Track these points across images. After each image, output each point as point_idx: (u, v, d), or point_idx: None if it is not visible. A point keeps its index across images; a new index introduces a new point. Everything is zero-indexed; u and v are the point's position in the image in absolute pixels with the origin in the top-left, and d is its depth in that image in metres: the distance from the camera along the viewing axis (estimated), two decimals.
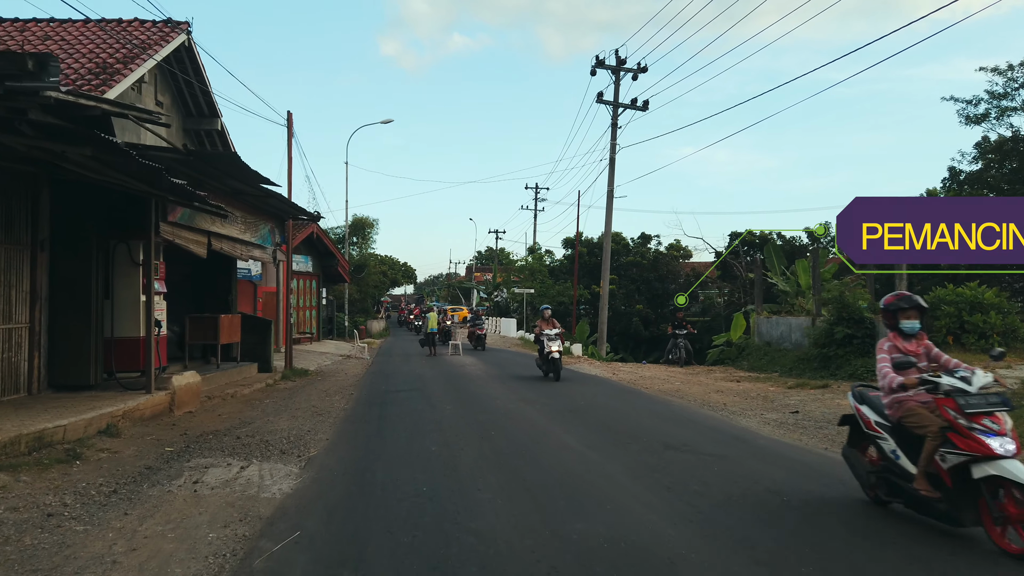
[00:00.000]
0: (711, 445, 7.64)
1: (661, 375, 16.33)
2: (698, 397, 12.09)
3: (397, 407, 11.04)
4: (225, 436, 8.59)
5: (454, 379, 15.65)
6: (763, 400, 11.46)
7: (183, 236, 10.87)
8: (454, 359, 21.90)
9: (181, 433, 8.72)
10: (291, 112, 17.18)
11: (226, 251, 12.65)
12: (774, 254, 23.64)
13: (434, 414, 10.17)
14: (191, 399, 10.71)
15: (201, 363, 14.73)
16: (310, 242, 27.20)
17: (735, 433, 8.44)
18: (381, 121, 34.22)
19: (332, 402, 11.88)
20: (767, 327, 19.72)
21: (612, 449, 7.41)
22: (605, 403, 11.19)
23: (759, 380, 14.97)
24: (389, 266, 61.06)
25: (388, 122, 34.07)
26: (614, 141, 28.25)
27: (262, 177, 10.78)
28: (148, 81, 12.81)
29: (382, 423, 9.47)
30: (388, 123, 34.26)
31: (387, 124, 35.11)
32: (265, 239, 14.70)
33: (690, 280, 49.41)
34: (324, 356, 22.21)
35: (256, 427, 9.27)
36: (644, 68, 28.08)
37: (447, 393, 12.79)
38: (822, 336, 15.56)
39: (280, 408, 11.12)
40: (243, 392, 12.88)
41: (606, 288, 28.62)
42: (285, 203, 13.69)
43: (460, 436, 8.30)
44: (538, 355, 15.22)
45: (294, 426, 9.34)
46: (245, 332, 15.64)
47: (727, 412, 10.23)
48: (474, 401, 11.68)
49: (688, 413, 10.21)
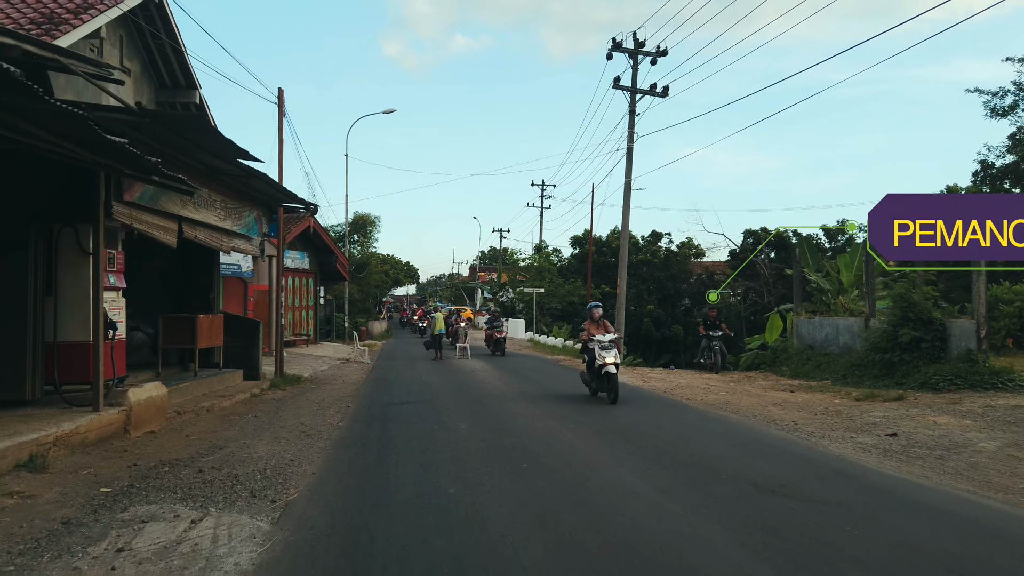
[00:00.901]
0: (816, 485, 5.80)
1: (698, 383, 14.49)
2: (756, 412, 10.25)
3: (401, 425, 9.22)
4: (185, 467, 6.78)
5: (466, 388, 13.81)
6: (837, 417, 9.61)
7: (145, 220, 9.05)
8: (463, 364, 20.06)
9: (130, 464, 6.90)
10: (282, 89, 15.41)
11: (202, 241, 10.83)
12: (807, 250, 21.79)
13: (447, 435, 8.34)
14: (153, 416, 8.89)
15: (178, 370, 12.93)
16: (306, 237, 25.37)
17: (835, 465, 6.60)
18: (383, 111, 32.48)
19: (325, 417, 10.05)
20: (808, 329, 17.86)
21: (690, 493, 5.57)
22: (652, 421, 9.35)
23: (814, 390, 13.12)
24: (391, 265, 59.18)
25: (390, 112, 32.33)
26: (632, 129, 26.41)
27: (240, 150, 8.96)
28: (112, 43, 11.00)
29: (383, 449, 7.64)
30: (390, 113, 32.54)
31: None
32: (251, 228, 12.87)
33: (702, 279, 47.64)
34: (320, 360, 20.39)
35: (228, 453, 7.45)
36: (664, 51, 26.25)
37: (460, 406, 10.96)
38: (882, 339, 13.71)
39: (262, 426, 9.30)
40: (222, 405, 11.07)
41: (623, 287, 26.76)
42: (273, 186, 11.87)
43: (483, 470, 6.47)
44: (585, 368, 11.81)
45: (275, 452, 7.51)
46: (229, 335, 13.83)
47: (804, 433, 8.39)
48: (493, 417, 9.84)
49: (757, 435, 8.36)
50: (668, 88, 26.29)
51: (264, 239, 13.72)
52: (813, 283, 20.25)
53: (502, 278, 58.27)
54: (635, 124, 26.44)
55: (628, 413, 10.07)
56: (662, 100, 26.67)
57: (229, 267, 19.42)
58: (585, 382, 11.87)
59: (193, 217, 10.35)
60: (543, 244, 52.72)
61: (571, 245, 49.65)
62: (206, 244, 11.02)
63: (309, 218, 23.67)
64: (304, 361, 19.61)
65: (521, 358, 22.65)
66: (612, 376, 10.74)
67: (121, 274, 9.23)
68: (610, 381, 10.76)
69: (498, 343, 23.30)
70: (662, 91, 26.33)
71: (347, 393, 13.18)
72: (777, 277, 33.01)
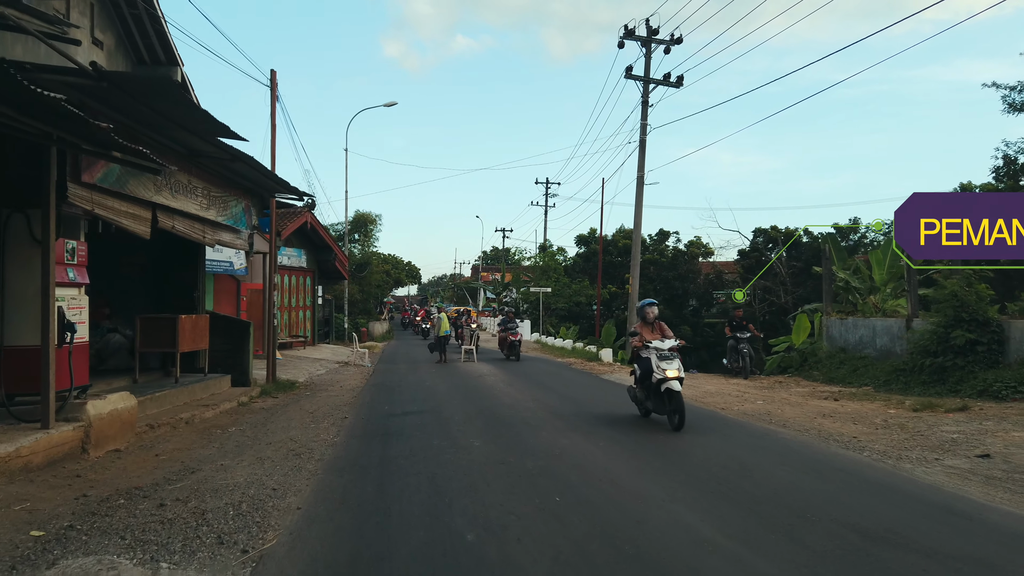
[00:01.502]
0: (930, 529, 4.60)
1: (728, 389, 13.28)
2: (806, 425, 9.05)
3: (405, 442, 8.01)
4: (145, 499, 5.59)
5: (475, 396, 12.61)
6: (903, 431, 8.40)
7: (109, 206, 7.85)
8: (468, 368, 18.85)
9: (79, 495, 5.71)
10: (275, 71, 14.23)
11: (181, 232, 9.63)
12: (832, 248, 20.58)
13: (458, 456, 7.14)
14: (119, 432, 7.69)
15: (159, 376, 11.76)
16: (304, 233, 24.15)
17: (936, 499, 5.40)
18: (384, 104, 31.24)
19: (318, 431, 8.85)
20: (841, 330, 16.64)
21: (778, 543, 4.36)
22: (694, 438, 8.12)
23: (858, 397, 11.91)
24: (393, 265, 58.00)
25: (392, 104, 31.11)
26: (644, 120, 25.21)
27: (219, 124, 7.77)
28: (81, 11, 9.81)
29: (384, 474, 6.43)
30: (391, 106, 31.23)
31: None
32: (238, 219, 11.68)
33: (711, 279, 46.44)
34: (318, 363, 19.18)
35: (199, 479, 6.25)
36: (679, 39, 25.03)
37: (470, 419, 9.76)
38: (931, 342, 12.51)
39: (245, 442, 8.10)
40: (204, 416, 9.87)
41: (636, 286, 25.55)
42: (262, 172, 10.68)
43: (507, 504, 5.27)
44: (634, 382, 9.61)
45: (256, 477, 6.32)
46: (216, 337, 12.65)
47: (875, 453, 7.18)
48: (509, 432, 8.64)
49: (821, 456, 7.15)
50: (683, 78, 25.10)
51: (254, 232, 12.53)
52: (840, 281, 19.06)
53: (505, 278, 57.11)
54: (648, 115, 25.27)
55: (662, 426, 8.86)
56: (676, 90, 25.52)
57: (220, 264, 18.23)
58: (636, 399, 9.59)
59: (169, 205, 9.15)
60: (547, 243, 51.48)
61: (576, 244, 48.45)
62: (186, 236, 9.83)
63: (306, 213, 22.47)
64: (300, 364, 18.42)
65: (530, 361, 21.44)
66: (676, 395, 8.43)
67: (83, 268, 8.03)
68: (673, 401, 8.47)
69: (512, 347, 21.35)
70: (676, 81, 25.13)
71: (344, 401, 11.98)
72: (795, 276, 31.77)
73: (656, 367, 8.56)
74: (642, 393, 9.26)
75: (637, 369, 9.31)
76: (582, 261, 46.10)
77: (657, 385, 8.59)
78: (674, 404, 8.45)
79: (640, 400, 9.38)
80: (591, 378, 16.44)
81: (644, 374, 8.95)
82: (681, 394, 8.50)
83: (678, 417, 8.40)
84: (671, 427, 8.46)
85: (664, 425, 8.76)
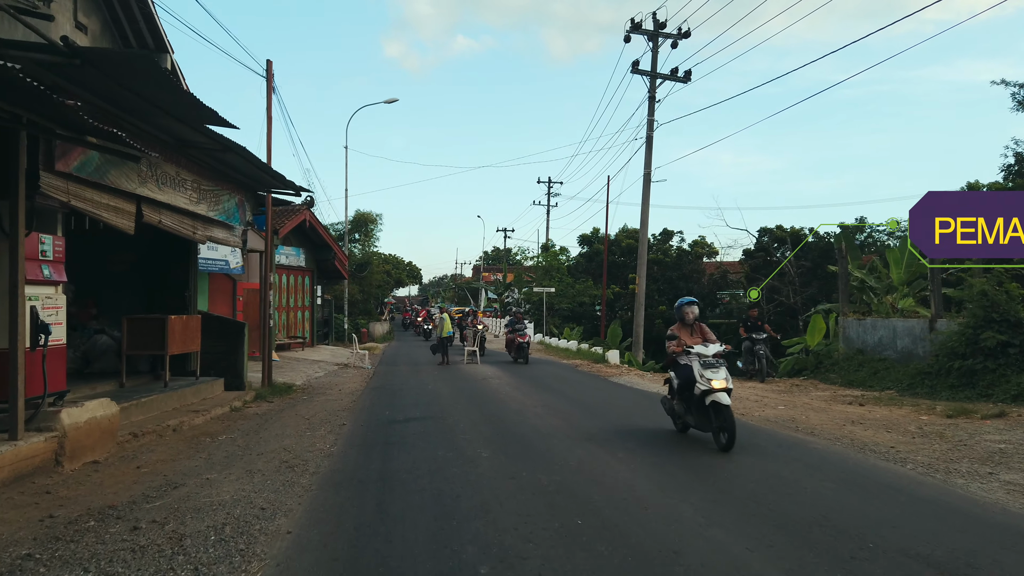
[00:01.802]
0: (1015, 562, 4.00)
1: (746, 393, 12.68)
2: (835, 433, 8.46)
3: (407, 452, 7.42)
4: (118, 521, 5.01)
5: (480, 401, 12.03)
6: (943, 441, 7.81)
7: (88, 198, 7.26)
8: (472, 370, 18.26)
9: (45, 515, 5.13)
10: (271, 61, 13.66)
11: (168, 227, 9.04)
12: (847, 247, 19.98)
13: (465, 469, 6.55)
14: (98, 442, 7.11)
15: (148, 380, 11.19)
16: (302, 232, 23.56)
17: (1007, 522, 4.82)
18: (385, 100, 30.65)
19: (314, 439, 8.27)
20: (858, 331, 16.04)
21: None
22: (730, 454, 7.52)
23: (884, 402, 11.31)
24: (393, 265, 57.39)
25: (393, 101, 30.54)
26: (651, 116, 24.62)
27: (206, 109, 7.18)
28: None
29: (385, 490, 5.84)
30: (392, 103, 30.67)
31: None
32: (231, 215, 11.09)
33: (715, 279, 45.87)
34: (316, 366, 18.60)
35: (181, 496, 5.67)
36: (686, 33, 24.46)
37: (476, 426, 9.17)
38: (960, 344, 11.91)
39: (236, 452, 7.52)
40: (193, 423, 9.29)
41: (643, 286, 25.00)
42: (256, 165, 10.09)
43: (523, 529, 4.68)
44: (668, 393, 8.51)
45: (243, 494, 5.73)
46: (209, 338, 12.07)
47: (920, 466, 6.59)
48: (519, 441, 8.05)
49: (862, 469, 6.56)
50: (691, 72, 24.51)
51: (248, 229, 11.94)
52: (855, 281, 18.47)
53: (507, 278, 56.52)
54: (655, 111, 24.68)
55: (685, 437, 8.27)
56: (682, 86, 24.98)
57: (216, 263, 17.64)
58: (672, 413, 8.39)
59: (156, 198, 8.56)
60: (550, 243, 50.86)
61: (579, 244, 47.85)
62: (174, 231, 9.24)
63: (305, 211, 21.89)
64: (297, 367, 17.84)
65: (535, 363, 20.82)
66: (724, 410, 7.15)
67: (60, 265, 7.44)
68: (721, 416, 7.18)
69: (520, 349, 20.37)
70: (684, 76, 24.53)
71: (343, 406, 11.39)
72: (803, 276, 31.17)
73: (699, 376, 7.38)
74: (680, 406, 8.01)
75: (674, 378, 8.07)
76: (585, 261, 45.48)
77: (700, 397, 7.38)
78: (722, 420, 7.18)
79: (678, 414, 8.14)
80: (600, 381, 15.85)
81: (684, 384, 7.75)
82: (731, 408, 7.24)
83: (727, 436, 7.10)
84: (717, 446, 7.23)
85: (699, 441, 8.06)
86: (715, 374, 7.31)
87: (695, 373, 7.46)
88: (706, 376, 7.31)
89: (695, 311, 8.41)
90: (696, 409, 7.57)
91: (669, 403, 8.44)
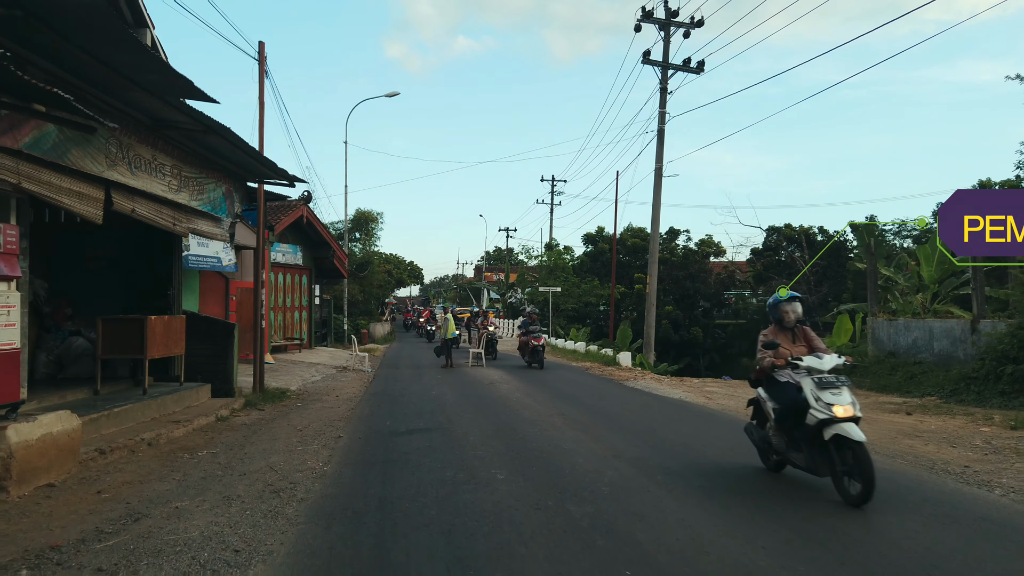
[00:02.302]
0: None
1: None
2: (891, 447, 7.51)
3: (410, 473, 6.46)
4: (57, 569, 4.07)
5: (490, 408, 11.07)
6: (1018, 456, 6.88)
7: (45, 180, 6.30)
8: (478, 374, 17.30)
9: None
10: (263, 42, 12.72)
11: (144, 217, 8.09)
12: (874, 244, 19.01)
13: (480, 495, 5.59)
14: (54, 462, 6.16)
15: (128, 386, 10.25)
16: (299, 228, 22.60)
17: None
18: (386, 95, 29.73)
19: (305, 456, 7.31)
20: (889, 332, 15.08)
21: None
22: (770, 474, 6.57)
23: (930, 410, 10.36)
24: (395, 265, 56.45)
25: (394, 95, 29.60)
26: (663, 108, 23.69)
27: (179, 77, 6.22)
28: None
29: (385, 527, 4.88)
30: (393, 96, 29.72)
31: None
32: (217, 206, 10.15)
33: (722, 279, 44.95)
34: (313, 369, 17.64)
35: (141, 533, 4.71)
36: (700, 22, 23.55)
37: (488, 439, 8.21)
38: (1011, 346, 10.99)
39: (214, 472, 6.56)
40: (172, 435, 8.33)
41: (654, 285, 24.08)
42: (243, 150, 9.14)
43: None
44: (753, 417, 6.65)
45: (215, 531, 4.77)
46: (195, 341, 11.13)
47: (1007, 490, 5.66)
48: (539, 458, 7.09)
49: (944, 496, 5.61)
50: (703, 63, 23.58)
51: (236, 221, 11.00)
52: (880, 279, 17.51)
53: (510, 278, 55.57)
54: (667, 103, 23.73)
55: (721, 446, 7.30)
56: (696, 77, 23.99)
57: (208, 260, 16.62)
58: (763, 446, 6.38)
59: (128, 183, 7.61)
60: (554, 242, 49.89)
61: (584, 243, 46.93)
62: (150, 222, 8.29)
63: (302, 206, 20.94)
64: (293, 370, 16.89)
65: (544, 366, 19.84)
66: (856, 448, 5.17)
67: (14, 258, 6.48)
68: (848, 456, 5.25)
69: (535, 353, 18.54)
70: (696, 66, 23.59)
71: (339, 414, 10.44)
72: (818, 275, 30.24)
73: (814, 400, 5.48)
74: (781, 439, 6.00)
75: (768, 401, 6.16)
76: (589, 260, 44.54)
77: (816, 429, 5.47)
78: (854, 462, 5.18)
79: (778, 449, 6.07)
80: (615, 386, 14.89)
81: (786, 410, 5.82)
82: (865, 447, 5.17)
83: (863, 485, 5.08)
84: (842, 497, 5.29)
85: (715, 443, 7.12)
86: (837, 397, 5.41)
87: (807, 396, 5.55)
88: (824, 400, 5.42)
89: (798, 310, 6.34)
90: (809, 445, 5.59)
91: (759, 433, 6.44)
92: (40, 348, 10.57)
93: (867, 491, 5.04)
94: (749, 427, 6.70)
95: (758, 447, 6.48)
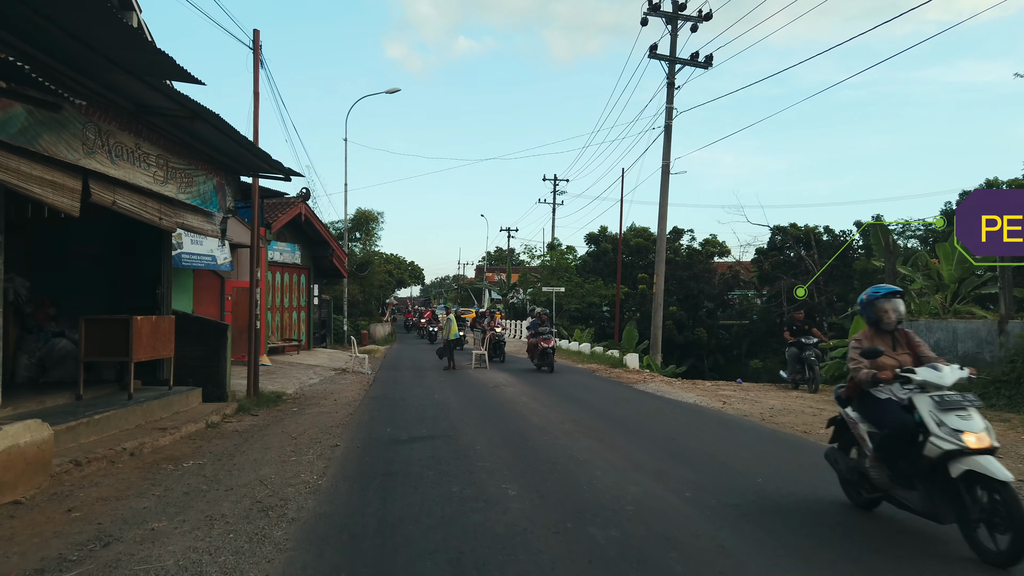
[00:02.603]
0: None
1: (796, 405, 11.16)
2: None
3: (413, 489, 5.90)
4: None
5: (496, 414, 10.51)
6: None
7: (13, 168, 5.74)
8: (481, 376, 16.74)
9: None
10: (258, 30, 12.18)
11: (125, 209, 7.53)
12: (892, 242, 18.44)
13: (491, 517, 5.03)
14: (21, 476, 5.61)
15: (114, 390, 9.70)
16: (297, 226, 22.04)
17: None
18: (386, 91, 29.20)
19: (299, 468, 6.75)
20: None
21: None
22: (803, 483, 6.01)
23: None
24: (395, 265, 55.90)
25: (394, 91, 29.06)
26: (670, 104, 23.13)
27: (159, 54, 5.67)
28: None
29: (385, 554, 4.33)
30: (394, 93, 29.17)
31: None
32: (207, 200, 9.59)
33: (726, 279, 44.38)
34: (311, 371, 17.09)
35: (108, 562, 4.16)
36: (708, 15, 22.99)
37: (496, 448, 7.65)
38: None
39: (199, 488, 6.00)
40: (158, 443, 7.78)
41: (661, 284, 23.51)
42: (234, 139, 8.59)
43: None
44: (836, 442, 5.50)
45: (192, 559, 4.22)
46: (186, 342, 10.58)
47: None
48: (552, 471, 6.54)
49: None
50: (712, 57, 23.02)
51: (229, 217, 10.44)
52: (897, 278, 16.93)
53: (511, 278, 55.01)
54: (674, 98, 23.17)
55: (749, 464, 6.74)
56: (704, 72, 23.44)
57: (202, 258, 16.15)
58: (853, 479, 5.15)
59: (108, 173, 7.06)
60: (556, 242, 49.32)
61: (586, 243, 46.36)
62: (134, 215, 7.73)
63: (300, 204, 20.38)
64: (291, 372, 16.34)
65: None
66: (999, 489, 3.97)
67: None
68: (982, 499, 4.09)
69: (545, 355, 17.50)
70: (704, 61, 23.05)
71: (337, 420, 9.88)
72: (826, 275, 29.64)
73: (935, 425, 4.26)
74: (882, 472, 4.75)
75: (863, 423, 4.94)
76: (592, 260, 43.98)
77: (941, 460, 4.23)
78: (994, 507, 4.01)
79: (879, 484, 4.80)
80: (625, 389, 14.33)
81: (891, 436, 4.57)
82: (1012, 488, 3.95)
83: (1012, 539, 3.87)
84: (976, 552, 4.13)
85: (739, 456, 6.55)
86: (966, 422, 4.20)
87: (926, 420, 4.32)
88: (950, 426, 4.20)
89: (900, 308, 5.08)
90: (924, 482, 4.42)
91: (848, 462, 5.19)
92: (21, 350, 10.02)
93: (1017, 549, 3.83)
94: (831, 453, 5.48)
95: (845, 480, 5.29)
